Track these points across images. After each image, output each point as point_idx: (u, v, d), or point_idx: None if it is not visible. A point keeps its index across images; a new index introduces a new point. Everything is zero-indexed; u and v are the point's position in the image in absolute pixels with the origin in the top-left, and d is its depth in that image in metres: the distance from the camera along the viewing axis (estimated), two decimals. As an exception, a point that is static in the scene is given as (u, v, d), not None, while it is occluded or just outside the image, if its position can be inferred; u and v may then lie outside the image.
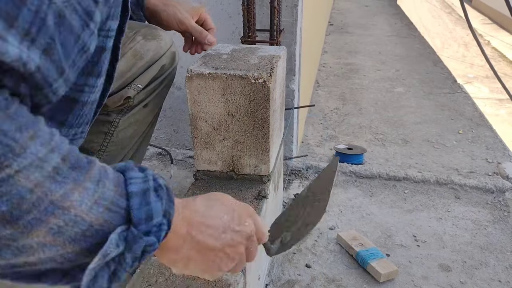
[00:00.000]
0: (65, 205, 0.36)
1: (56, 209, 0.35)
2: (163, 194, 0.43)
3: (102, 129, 0.98)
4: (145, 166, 0.46)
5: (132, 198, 0.40)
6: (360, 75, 3.09)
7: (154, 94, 1.04)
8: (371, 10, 5.93)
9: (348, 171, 1.67)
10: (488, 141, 2.03)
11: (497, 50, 5.87)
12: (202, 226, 0.48)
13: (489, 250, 1.27)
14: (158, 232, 0.42)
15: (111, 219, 0.38)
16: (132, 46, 0.97)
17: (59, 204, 0.35)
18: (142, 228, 0.40)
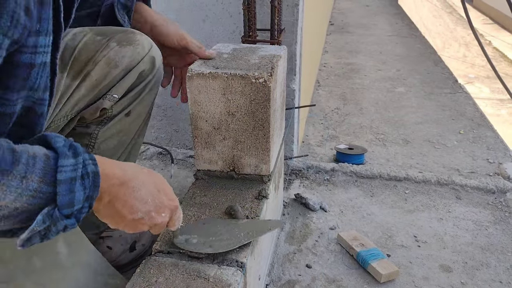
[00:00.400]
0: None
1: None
2: (87, 183, 0.55)
3: (83, 141, 0.96)
4: (81, 148, 0.57)
5: (59, 186, 0.51)
6: (361, 75, 3.09)
7: (136, 102, 1.00)
8: (372, 9, 5.92)
9: (349, 171, 1.66)
10: (489, 141, 2.03)
11: (498, 50, 5.86)
12: (125, 203, 0.63)
13: (490, 251, 1.26)
14: (78, 215, 0.55)
15: (37, 203, 0.51)
16: (105, 54, 0.93)
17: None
18: (65, 212, 0.52)
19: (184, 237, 0.83)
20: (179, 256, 0.82)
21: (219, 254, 0.80)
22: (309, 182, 1.62)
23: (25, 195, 0.49)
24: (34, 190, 0.49)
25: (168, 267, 0.78)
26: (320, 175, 1.66)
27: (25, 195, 0.49)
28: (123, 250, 1.15)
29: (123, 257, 1.15)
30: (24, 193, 0.49)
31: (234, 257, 0.81)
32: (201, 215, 0.94)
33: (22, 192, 0.48)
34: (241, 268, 0.79)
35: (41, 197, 0.50)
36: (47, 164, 0.51)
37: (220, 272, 0.77)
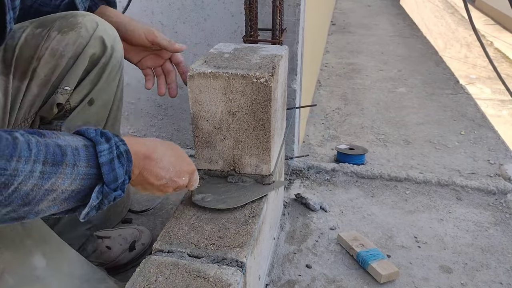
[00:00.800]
0: (54, 188, 0.58)
1: (49, 192, 0.58)
2: (123, 160, 0.65)
3: None
4: (110, 134, 0.65)
5: (102, 167, 0.62)
6: (362, 75, 3.09)
7: (98, 89, 0.96)
8: (374, 10, 5.92)
9: (350, 172, 1.66)
10: (490, 142, 2.03)
11: (499, 51, 5.85)
12: (152, 173, 0.74)
13: (490, 252, 1.26)
14: (122, 186, 0.66)
15: (88, 184, 0.62)
16: (48, 46, 0.88)
17: (50, 189, 0.58)
18: (112, 186, 0.63)
19: (201, 196, 0.97)
20: (180, 255, 0.82)
21: (232, 208, 0.94)
22: (310, 182, 1.62)
23: (78, 178, 0.59)
24: (84, 174, 0.60)
25: (168, 267, 0.78)
26: (321, 175, 1.66)
27: (78, 179, 0.59)
28: (122, 250, 1.15)
29: (122, 256, 1.15)
30: (77, 177, 0.59)
31: (234, 257, 0.81)
32: (201, 214, 0.94)
33: (76, 177, 0.59)
34: (241, 268, 0.79)
35: (90, 178, 0.61)
36: (88, 152, 0.62)
37: (220, 271, 0.77)
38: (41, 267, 0.72)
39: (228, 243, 0.85)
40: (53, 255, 0.76)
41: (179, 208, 0.96)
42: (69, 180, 0.59)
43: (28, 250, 0.72)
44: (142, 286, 0.74)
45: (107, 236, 1.17)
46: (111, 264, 1.13)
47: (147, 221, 1.38)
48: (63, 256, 0.77)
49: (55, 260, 0.75)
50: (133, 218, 1.39)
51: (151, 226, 1.35)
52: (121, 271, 1.15)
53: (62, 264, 0.76)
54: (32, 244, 0.73)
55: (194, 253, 0.82)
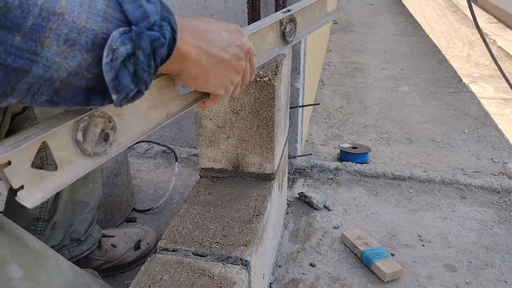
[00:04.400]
0: (56, 11, 0.36)
1: (50, 15, 0.35)
2: (155, 1, 0.43)
3: (27, 127, 0.91)
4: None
5: (124, 5, 0.40)
6: (365, 74, 3.08)
7: None
8: (376, 8, 5.91)
9: (353, 170, 1.66)
10: (493, 140, 2.02)
11: (502, 49, 5.83)
12: (208, 40, 0.50)
13: (494, 251, 1.26)
14: (160, 31, 0.42)
15: (112, 28, 0.39)
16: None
17: (50, 10, 0.35)
18: (142, 25, 0.41)
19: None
20: (184, 254, 0.82)
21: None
22: (313, 181, 1.62)
23: (97, 15, 0.39)
24: (104, 12, 0.39)
25: (173, 265, 0.79)
26: (324, 174, 1.66)
27: (97, 15, 0.39)
28: (127, 248, 1.15)
29: (127, 255, 1.15)
30: (94, 12, 0.39)
31: (238, 256, 0.81)
32: (205, 213, 0.94)
33: (91, 10, 0.39)
34: (245, 266, 0.80)
35: (114, 22, 0.40)
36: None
37: (225, 270, 0.78)
38: (17, 277, 0.70)
39: (232, 241, 0.85)
40: (30, 266, 0.72)
41: (183, 207, 0.96)
42: (79, 9, 0.38)
43: (3, 260, 0.67)
44: (147, 284, 0.74)
45: (112, 235, 1.17)
46: (116, 262, 1.13)
47: (151, 220, 1.38)
48: (40, 265, 0.74)
49: (32, 270, 0.71)
50: (137, 217, 1.39)
51: (155, 225, 1.35)
52: (126, 269, 1.16)
53: (39, 274, 0.74)
54: (8, 254, 0.68)
55: (198, 251, 0.83)
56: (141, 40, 0.40)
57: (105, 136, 0.45)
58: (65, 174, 0.41)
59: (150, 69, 0.42)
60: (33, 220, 0.99)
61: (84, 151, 0.43)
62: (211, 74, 0.52)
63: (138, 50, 0.40)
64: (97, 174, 1.08)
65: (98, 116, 0.44)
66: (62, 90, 0.38)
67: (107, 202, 1.28)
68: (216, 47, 0.51)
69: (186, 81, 0.52)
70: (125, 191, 1.35)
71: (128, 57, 0.40)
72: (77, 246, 1.06)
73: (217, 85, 0.55)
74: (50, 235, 1.01)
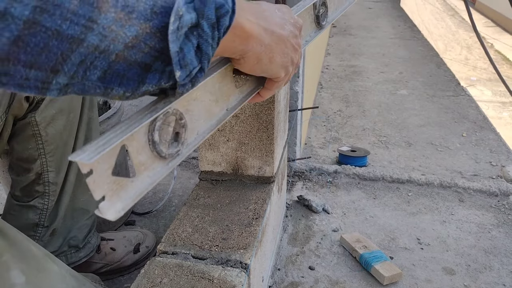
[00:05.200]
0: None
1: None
2: None
3: (27, 132, 0.93)
4: None
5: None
6: (364, 77, 3.09)
7: None
8: (375, 12, 5.93)
9: (352, 174, 1.66)
10: (491, 144, 2.03)
11: (500, 53, 5.86)
12: (266, 18, 0.49)
13: (493, 254, 1.26)
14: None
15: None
16: None
17: None
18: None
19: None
20: (184, 257, 0.82)
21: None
22: (312, 184, 1.63)
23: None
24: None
25: (172, 268, 0.79)
26: (323, 177, 1.66)
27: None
28: (127, 252, 1.15)
29: (126, 258, 1.15)
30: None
31: (238, 259, 0.81)
32: (205, 216, 0.94)
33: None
34: (245, 269, 0.80)
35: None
36: None
37: (225, 273, 0.78)
38: (20, 283, 0.69)
39: (232, 244, 0.85)
40: (33, 271, 0.71)
41: (182, 210, 0.96)
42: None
43: (6, 265, 0.67)
44: (147, 287, 0.74)
45: (111, 238, 1.17)
46: (115, 266, 1.13)
47: (150, 223, 1.38)
48: (43, 271, 0.74)
49: (34, 276, 0.71)
50: (136, 220, 1.39)
51: (154, 228, 1.35)
52: (125, 273, 1.16)
53: (42, 280, 0.73)
54: (11, 259, 0.68)
55: (198, 254, 0.83)
56: (205, 7, 0.37)
57: (176, 136, 0.41)
58: (142, 180, 0.37)
59: (214, 41, 0.39)
60: (32, 226, 0.99)
61: (160, 153, 0.38)
62: (274, 52, 0.50)
63: (202, 20, 0.38)
64: None
65: (171, 113, 0.40)
66: (116, 64, 0.35)
67: (106, 205, 1.28)
68: (274, 25, 0.50)
69: (249, 63, 0.49)
70: (124, 194, 1.35)
71: (192, 28, 0.37)
72: (75, 253, 1.06)
73: (280, 65, 0.52)
74: (49, 241, 1.01)
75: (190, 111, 0.42)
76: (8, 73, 0.31)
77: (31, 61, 0.31)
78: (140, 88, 0.37)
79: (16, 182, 0.98)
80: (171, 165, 0.40)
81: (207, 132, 0.46)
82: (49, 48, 0.31)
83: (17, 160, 0.96)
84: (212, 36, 0.39)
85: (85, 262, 1.09)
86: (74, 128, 0.98)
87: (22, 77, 0.31)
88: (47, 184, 0.97)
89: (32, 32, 0.30)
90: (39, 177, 0.96)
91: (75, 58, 0.32)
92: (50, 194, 0.98)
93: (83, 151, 0.31)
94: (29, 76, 0.31)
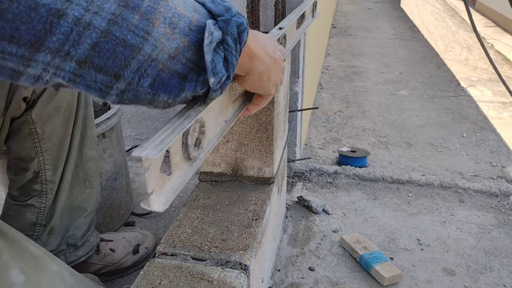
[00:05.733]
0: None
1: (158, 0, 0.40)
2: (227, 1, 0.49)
3: (24, 131, 0.93)
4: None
5: (206, 4, 0.46)
6: (364, 78, 3.09)
7: None
8: (375, 12, 5.93)
9: (352, 174, 1.66)
10: (492, 144, 2.03)
11: (500, 53, 5.86)
12: (265, 45, 0.58)
13: (493, 255, 1.26)
14: (240, 19, 0.48)
15: (201, 18, 0.45)
16: None
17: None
18: (227, 15, 0.47)
19: None
20: (183, 258, 0.82)
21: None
22: (312, 185, 1.62)
23: (191, 6, 0.44)
24: (193, 6, 0.45)
25: (172, 270, 0.78)
26: (323, 177, 1.66)
27: (191, 7, 0.44)
28: (126, 253, 1.15)
29: (126, 259, 1.15)
30: (188, 4, 0.44)
31: (237, 260, 0.81)
32: (204, 217, 0.94)
33: (186, 2, 0.44)
34: (244, 270, 0.79)
35: (202, 13, 0.45)
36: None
37: (224, 274, 0.77)
38: (19, 282, 0.68)
39: (231, 245, 0.85)
40: (32, 270, 0.71)
41: (182, 211, 0.96)
42: (182, 4, 0.43)
43: (5, 265, 0.67)
44: (146, 289, 0.74)
45: (110, 239, 1.17)
46: (115, 267, 1.13)
47: (149, 224, 1.38)
48: (42, 270, 0.73)
49: (34, 275, 0.71)
50: (135, 221, 1.39)
51: (153, 229, 1.35)
52: (124, 274, 1.16)
53: (41, 279, 0.73)
54: (10, 258, 0.68)
55: (197, 256, 0.82)
56: (229, 25, 0.46)
57: (197, 141, 0.46)
58: (176, 178, 0.41)
59: (237, 53, 0.47)
60: (30, 225, 0.98)
61: (189, 155, 0.43)
62: (271, 72, 0.59)
63: (226, 36, 0.46)
64: (94, 179, 1.08)
65: (197, 121, 0.45)
66: (162, 73, 0.42)
67: (105, 206, 1.28)
68: (270, 50, 0.59)
69: (253, 80, 0.57)
70: (124, 195, 1.35)
71: (219, 44, 0.45)
72: (73, 251, 1.06)
73: (273, 83, 0.61)
74: (47, 240, 1.01)
75: (207, 120, 0.48)
76: (82, 74, 0.37)
77: (101, 65, 0.37)
78: (180, 95, 0.44)
79: (14, 181, 0.98)
80: (195, 166, 0.45)
81: (215, 139, 0.52)
82: (116, 54, 0.38)
83: (14, 160, 0.96)
84: (236, 48, 0.47)
85: (84, 263, 1.09)
86: (70, 125, 0.98)
87: (91, 79, 0.38)
88: (44, 183, 0.97)
89: (106, 40, 0.37)
90: (36, 175, 0.96)
91: (133, 64, 0.39)
92: (47, 192, 0.98)
93: (143, 148, 0.36)
94: (97, 79, 0.38)
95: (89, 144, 1.04)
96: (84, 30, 0.35)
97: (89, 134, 1.04)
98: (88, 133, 1.03)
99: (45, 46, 0.34)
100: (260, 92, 0.62)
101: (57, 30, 0.34)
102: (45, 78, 0.36)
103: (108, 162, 1.25)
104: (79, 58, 0.36)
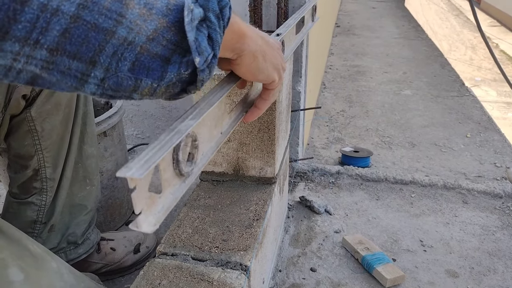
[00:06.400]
0: None
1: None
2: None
3: (23, 128, 0.93)
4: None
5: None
6: (367, 77, 3.07)
7: None
8: (378, 12, 5.91)
9: (354, 174, 1.65)
10: (496, 145, 2.01)
11: (505, 53, 5.82)
12: (255, 29, 0.56)
13: (497, 256, 1.25)
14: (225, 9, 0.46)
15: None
16: None
17: None
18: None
19: None
20: (184, 258, 0.81)
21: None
22: (314, 185, 1.61)
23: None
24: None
25: (172, 270, 0.78)
26: (325, 177, 1.65)
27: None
28: (127, 252, 1.15)
29: (127, 258, 1.14)
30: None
31: (238, 260, 0.80)
32: (205, 217, 0.93)
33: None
34: (245, 271, 0.79)
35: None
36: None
37: (224, 275, 0.77)
38: (18, 281, 0.68)
39: (232, 246, 0.84)
40: (31, 269, 0.71)
41: (182, 211, 0.96)
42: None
43: (4, 263, 0.66)
44: (145, 289, 0.73)
45: (111, 238, 1.16)
46: (116, 266, 1.13)
47: (151, 223, 1.37)
48: (41, 269, 0.73)
49: (33, 273, 0.70)
50: (137, 220, 1.38)
51: (155, 228, 1.34)
52: (125, 273, 1.15)
53: (40, 278, 0.73)
54: (9, 256, 0.67)
55: (198, 256, 0.82)
56: (209, 2, 0.44)
57: (189, 156, 0.44)
58: (166, 197, 0.39)
59: (220, 29, 0.45)
60: (30, 222, 0.98)
61: (181, 171, 0.41)
62: (266, 52, 0.56)
63: (208, 12, 0.44)
64: (95, 177, 1.07)
65: (189, 135, 0.43)
66: (141, 56, 0.40)
67: (107, 204, 1.28)
68: (263, 34, 0.57)
69: (246, 61, 0.54)
70: (125, 193, 1.35)
71: (201, 22, 0.43)
72: (74, 249, 1.05)
73: (273, 66, 0.58)
74: (47, 238, 1.01)
75: (199, 134, 0.46)
76: (55, 62, 0.36)
77: (74, 52, 0.36)
78: (164, 78, 0.42)
79: (14, 179, 0.98)
80: (187, 182, 0.43)
81: (209, 153, 0.50)
82: (88, 39, 0.36)
83: (14, 157, 0.96)
84: (219, 25, 0.45)
85: (85, 262, 1.08)
86: (70, 122, 0.98)
87: (65, 67, 0.37)
88: (44, 180, 0.97)
89: (76, 25, 0.35)
90: (36, 173, 0.96)
91: (108, 49, 0.37)
92: (47, 190, 0.98)
93: (129, 168, 0.34)
94: (71, 66, 0.37)
95: (89, 141, 1.04)
96: (51, 17, 0.34)
97: (89, 132, 1.04)
98: (88, 131, 1.03)
99: (11, 35, 0.33)
100: (261, 79, 0.58)
101: (22, 17, 0.32)
102: (17, 67, 0.35)
103: (110, 161, 1.25)
104: (50, 45, 0.35)
